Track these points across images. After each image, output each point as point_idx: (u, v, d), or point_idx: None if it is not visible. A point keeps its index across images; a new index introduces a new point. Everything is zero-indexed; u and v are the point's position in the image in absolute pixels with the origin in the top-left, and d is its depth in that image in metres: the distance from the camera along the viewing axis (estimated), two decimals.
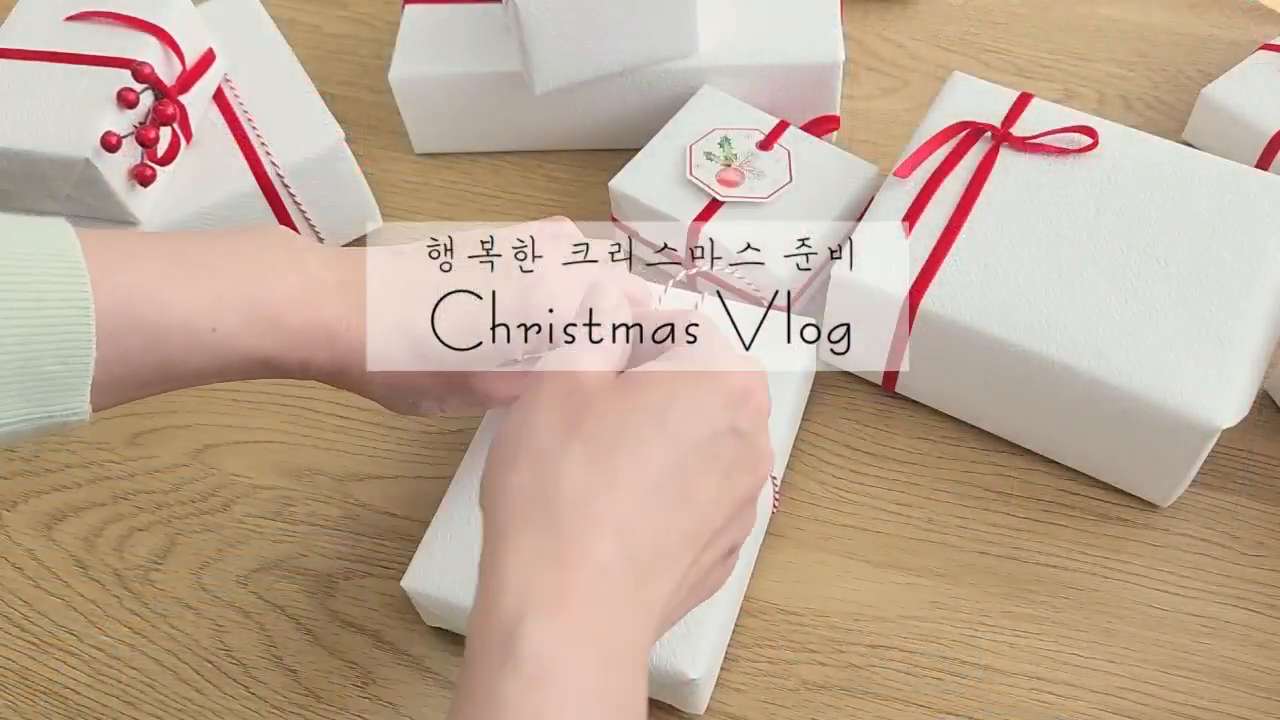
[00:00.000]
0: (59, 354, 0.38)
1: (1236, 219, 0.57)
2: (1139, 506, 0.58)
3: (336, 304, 0.45)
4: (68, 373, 0.38)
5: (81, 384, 0.39)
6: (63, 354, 0.38)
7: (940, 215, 0.59)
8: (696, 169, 0.65)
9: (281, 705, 0.55)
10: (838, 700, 0.53)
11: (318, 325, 0.44)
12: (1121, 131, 0.61)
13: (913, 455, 0.61)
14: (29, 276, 0.38)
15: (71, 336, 0.38)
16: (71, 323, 0.38)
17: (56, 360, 0.38)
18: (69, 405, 0.39)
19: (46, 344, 0.38)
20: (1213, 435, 0.51)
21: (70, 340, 0.38)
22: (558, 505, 0.35)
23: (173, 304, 0.41)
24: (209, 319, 0.41)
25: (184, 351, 0.41)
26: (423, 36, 0.74)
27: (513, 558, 0.35)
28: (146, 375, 0.41)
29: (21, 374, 0.38)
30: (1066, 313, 0.54)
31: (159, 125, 0.64)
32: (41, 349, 0.38)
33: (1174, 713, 0.52)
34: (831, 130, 0.73)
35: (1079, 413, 0.55)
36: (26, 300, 0.37)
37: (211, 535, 0.61)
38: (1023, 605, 0.55)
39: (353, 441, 0.64)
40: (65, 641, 0.58)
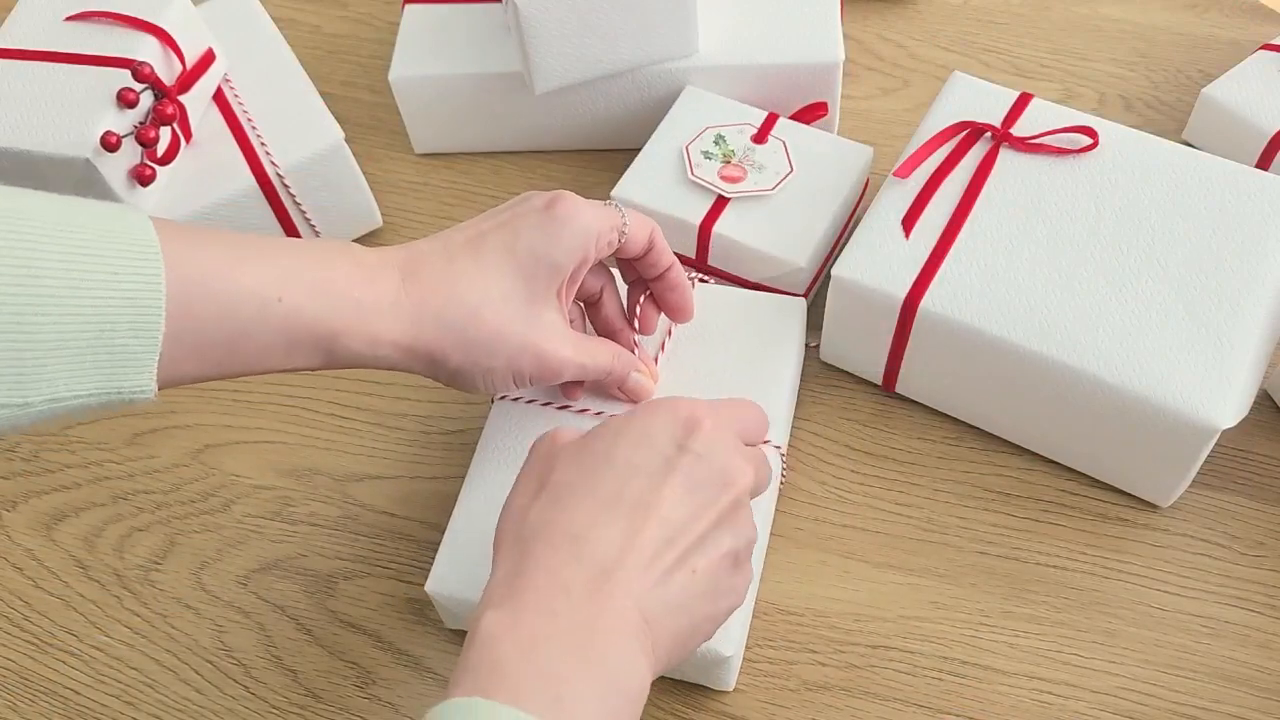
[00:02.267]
0: (132, 326, 0.40)
1: (1236, 219, 0.57)
2: (1139, 506, 0.58)
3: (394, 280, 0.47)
4: (139, 346, 0.40)
5: (150, 358, 0.41)
6: (135, 326, 0.40)
7: (940, 215, 0.59)
8: (697, 169, 0.65)
9: (281, 705, 0.55)
10: (838, 700, 0.53)
11: (383, 296, 0.46)
12: (1121, 132, 0.61)
13: (913, 455, 0.61)
14: (105, 253, 0.40)
15: (144, 310, 0.40)
16: (144, 297, 0.40)
17: (129, 333, 0.40)
18: (137, 382, 0.41)
19: (121, 316, 0.40)
20: (1213, 435, 0.51)
21: (142, 314, 0.40)
22: (524, 538, 0.42)
23: (240, 277, 0.43)
24: (275, 289, 0.44)
25: (251, 322, 0.43)
26: (423, 36, 0.74)
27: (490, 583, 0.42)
28: (215, 349, 0.43)
29: (96, 346, 0.39)
30: (1066, 313, 0.54)
31: (159, 125, 0.64)
32: (116, 321, 0.39)
33: (1174, 713, 0.52)
34: (820, 117, 0.73)
35: (1079, 413, 0.55)
36: (102, 274, 0.39)
37: (211, 535, 0.61)
38: (1023, 605, 0.55)
39: (353, 442, 0.64)
40: (65, 641, 0.58)
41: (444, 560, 0.53)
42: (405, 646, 0.56)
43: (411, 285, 0.47)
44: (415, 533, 0.60)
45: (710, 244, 0.64)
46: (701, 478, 0.43)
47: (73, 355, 0.39)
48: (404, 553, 0.59)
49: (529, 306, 0.49)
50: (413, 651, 0.56)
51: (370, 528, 0.60)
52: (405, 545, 0.59)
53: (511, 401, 0.57)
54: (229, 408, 0.66)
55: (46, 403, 0.39)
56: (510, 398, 0.57)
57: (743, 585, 0.45)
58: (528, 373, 0.50)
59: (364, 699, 0.55)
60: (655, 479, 0.42)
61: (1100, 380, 0.53)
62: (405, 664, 0.56)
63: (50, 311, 0.38)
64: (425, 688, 0.55)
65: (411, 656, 0.56)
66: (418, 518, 0.60)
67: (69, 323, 0.39)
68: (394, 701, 0.54)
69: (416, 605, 0.57)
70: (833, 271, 0.58)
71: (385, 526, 0.60)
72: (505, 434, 0.56)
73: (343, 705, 0.54)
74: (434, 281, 0.48)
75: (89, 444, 0.65)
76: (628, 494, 0.42)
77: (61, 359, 0.39)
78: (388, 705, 0.54)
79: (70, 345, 0.39)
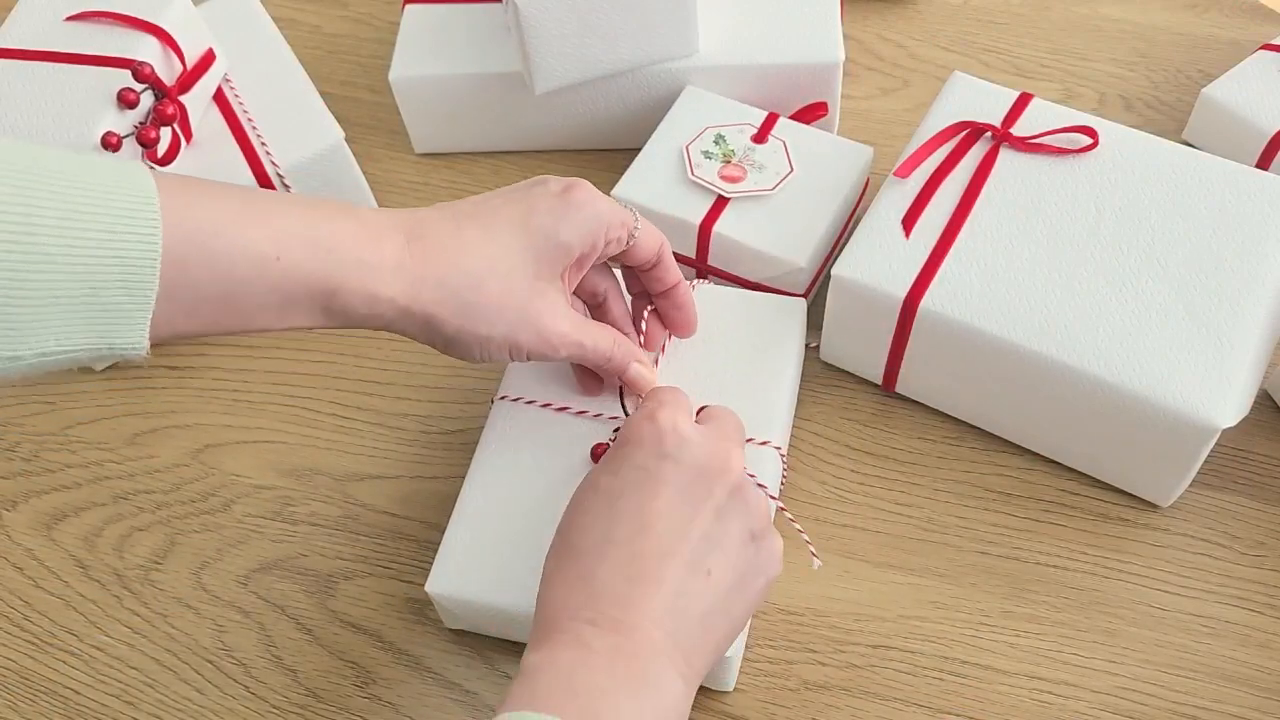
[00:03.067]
0: (124, 283, 0.40)
1: (1236, 219, 0.57)
2: (1139, 506, 0.58)
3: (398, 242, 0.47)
4: (130, 303, 0.40)
5: (142, 316, 0.41)
6: (127, 284, 0.40)
7: (940, 215, 0.59)
8: (698, 169, 0.65)
9: (281, 705, 0.55)
10: (838, 700, 0.53)
11: (385, 257, 0.46)
12: (1121, 131, 0.61)
13: (913, 455, 0.61)
14: (104, 210, 0.40)
15: (137, 269, 0.40)
16: (139, 257, 0.40)
17: (121, 289, 0.40)
18: (129, 338, 0.41)
19: (112, 274, 0.40)
20: (1213, 435, 0.51)
21: (136, 273, 0.40)
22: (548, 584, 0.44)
23: (237, 235, 0.43)
24: (273, 247, 0.43)
25: (248, 278, 0.43)
26: (423, 36, 0.74)
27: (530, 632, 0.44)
28: (210, 306, 0.43)
29: (88, 301, 0.40)
30: (1067, 313, 0.54)
31: (159, 125, 0.64)
32: (107, 278, 0.40)
33: (1174, 713, 0.52)
34: (820, 116, 0.73)
35: (1079, 413, 0.55)
36: (99, 231, 0.39)
37: (211, 535, 0.61)
38: (1023, 605, 0.55)
39: (353, 441, 0.64)
40: (65, 641, 0.58)
41: (444, 560, 0.53)
42: (405, 646, 0.56)
43: (416, 248, 0.47)
44: (416, 533, 0.60)
45: (710, 244, 0.64)
46: (687, 479, 0.44)
47: (65, 311, 0.39)
48: (404, 553, 0.59)
49: (534, 281, 0.49)
50: (413, 651, 0.56)
51: (371, 528, 0.60)
52: (406, 545, 0.59)
53: (511, 402, 0.57)
54: (229, 407, 0.66)
55: (36, 356, 0.40)
56: (511, 398, 0.57)
57: (774, 555, 0.46)
58: (525, 346, 0.49)
59: (364, 699, 0.55)
60: (643, 496, 0.43)
61: (1100, 380, 0.53)
62: (405, 664, 0.56)
63: (45, 268, 0.39)
64: (425, 687, 0.55)
65: (412, 656, 0.56)
66: (418, 518, 0.60)
67: (63, 280, 0.39)
68: (394, 701, 0.54)
69: (417, 605, 0.57)
70: (833, 271, 0.58)
71: (386, 526, 0.60)
72: (505, 434, 0.56)
73: (343, 705, 0.54)
74: (439, 246, 0.47)
75: (89, 444, 0.65)
76: (621, 521, 0.43)
77: (54, 314, 0.39)
78: (388, 705, 0.54)
79: (63, 301, 0.39)
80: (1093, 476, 0.59)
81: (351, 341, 0.67)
